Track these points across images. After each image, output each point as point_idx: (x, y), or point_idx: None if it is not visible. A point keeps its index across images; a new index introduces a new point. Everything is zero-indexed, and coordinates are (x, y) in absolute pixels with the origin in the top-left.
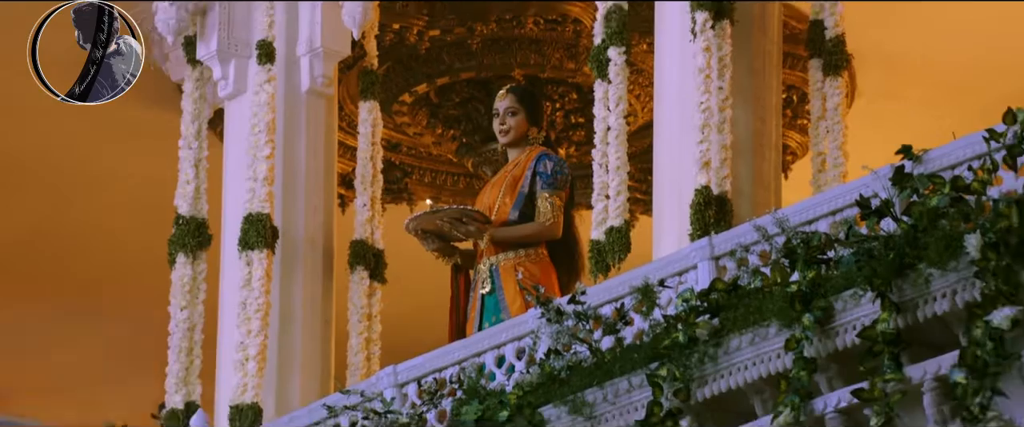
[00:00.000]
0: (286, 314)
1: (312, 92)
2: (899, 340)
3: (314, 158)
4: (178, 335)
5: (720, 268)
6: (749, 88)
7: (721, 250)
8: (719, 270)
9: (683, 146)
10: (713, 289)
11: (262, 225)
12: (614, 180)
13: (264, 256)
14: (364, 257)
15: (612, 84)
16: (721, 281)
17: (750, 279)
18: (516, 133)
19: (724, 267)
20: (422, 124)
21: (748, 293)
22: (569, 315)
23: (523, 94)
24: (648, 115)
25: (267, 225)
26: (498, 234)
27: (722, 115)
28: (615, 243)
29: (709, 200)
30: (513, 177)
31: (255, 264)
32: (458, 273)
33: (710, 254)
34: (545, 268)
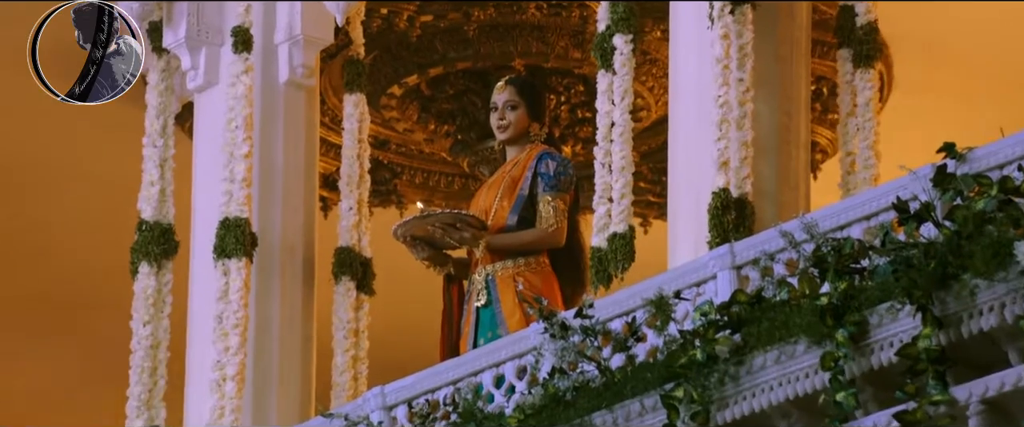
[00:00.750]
0: (263, 330)
1: (291, 84)
2: (944, 358)
3: (293, 156)
4: (140, 353)
5: (742, 278)
6: (774, 79)
7: (743, 258)
8: (741, 280)
9: (700, 144)
10: (734, 301)
11: (240, 231)
12: (618, 181)
13: (242, 265)
14: (350, 266)
15: (617, 75)
16: (743, 293)
17: (775, 291)
18: (516, 129)
19: (746, 277)
20: (413, 119)
21: (773, 306)
22: (575, 330)
23: (524, 86)
24: (662, 109)
25: (246, 231)
26: (495, 241)
27: (743, 109)
28: (618, 251)
29: (729, 203)
30: (512, 178)
31: (233, 274)
32: (451, 284)
33: (731, 263)
34: (547, 279)
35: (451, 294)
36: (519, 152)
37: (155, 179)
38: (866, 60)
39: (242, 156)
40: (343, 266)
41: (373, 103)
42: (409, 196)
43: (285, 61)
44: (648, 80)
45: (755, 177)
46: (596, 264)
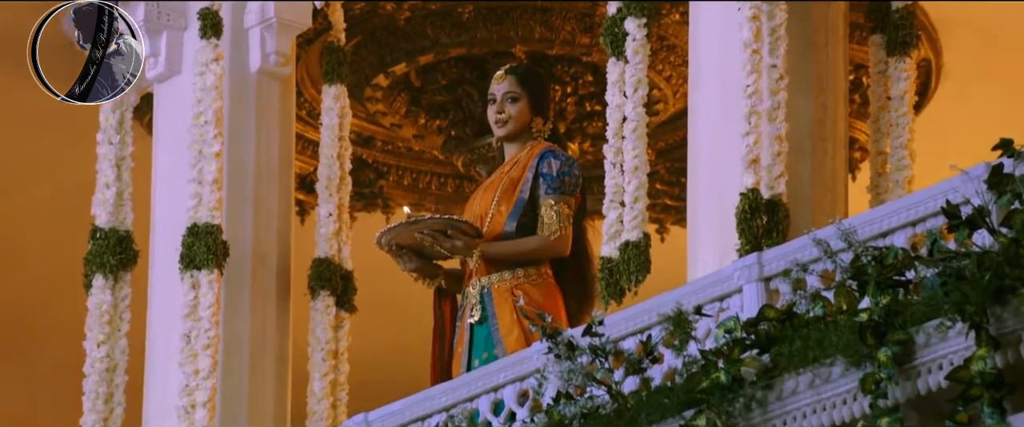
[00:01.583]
0: (232, 350)
1: (264, 73)
2: (1001, 382)
3: (266, 155)
4: (95, 377)
5: (771, 292)
6: (808, 67)
7: (773, 269)
8: (770, 294)
9: (725, 139)
10: (763, 318)
11: (212, 239)
12: (630, 183)
13: (214, 278)
14: (329, 279)
15: (630, 64)
16: (773, 308)
17: (809, 306)
18: (516, 124)
19: (776, 291)
20: (400, 113)
21: (806, 323)
22: (583, 350)
23: (526, 76)
24: (681, 101)
25: (217, 239)
26: (491, 250)
27: (774, 100)
28: (632, 261)
29: (757, 206)
30: (511, 179)
31: (203, 287)
32: (442, 298)
33: (759, 274)
34: (549, 292)
35: (442, 310)
36: (519, 150)
37: (111, 180)
38: (902, 47)
39: (212, 155)
40: (321, 279)
41: (356, 95)
42: (396, 199)
43: (257, 47)
44: (665, 69)
45: (787, 177)
46: (606, 276)
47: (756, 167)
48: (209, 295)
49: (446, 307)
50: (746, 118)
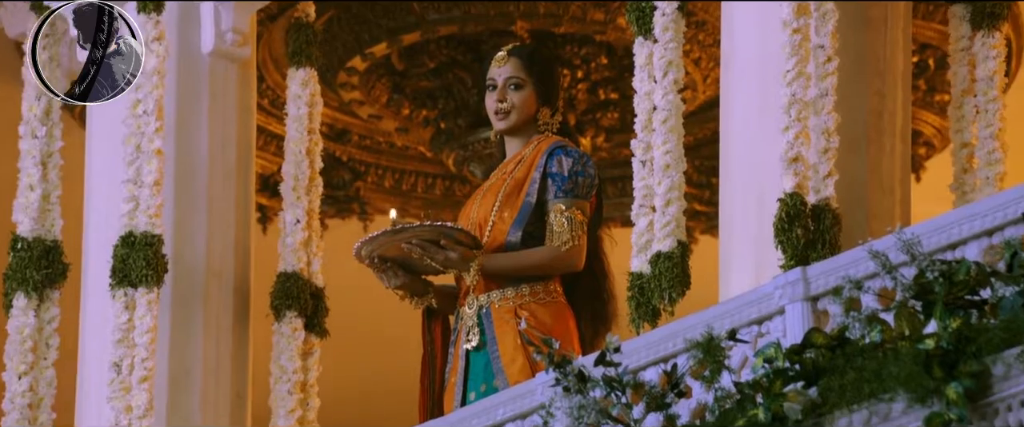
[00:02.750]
0: (178, 384)
1: (218, 54)
2: None
3: (220, 152)
4: (15, 414)
5: (819, 313)
6: (862, 49)
7: (820, 287)
8: (818, 316)
9: (763, 134)
10: (809, 344)
11: (151, 251)
12: (662, 184)
13: (153, 297)
14: (296, 298)
15: (659, 44)
16: (821, 333)
17: (864, 330)
18: (520, 115)
19: (825, 312)
20: (381, 102)
21: (861, 351)
22: (596, 382)
23: (531, 58)
24: (713, 88)
25: (157, 251)
26: (491, 263)
27: (821, 87)
28: (665, 276)
29: (801, 213)
30: (515, 180)
31: (140, 308)
32: (433, 321)
33: (804, 293)
34: (560, 313)
35: (433, 334)
36: (524, 146)
37: (35, 181)
38: (990, 20)
39: (153, 152)
40: (287, 298)
41: (328, 81)
42: (376, 204)
43: (210, 24)
44: (694, 49)
45: (838, 178)
46: (636, 295)
47: (798, 167)
48: (146, 318)
49: (437, 331)
50: (787, 108)
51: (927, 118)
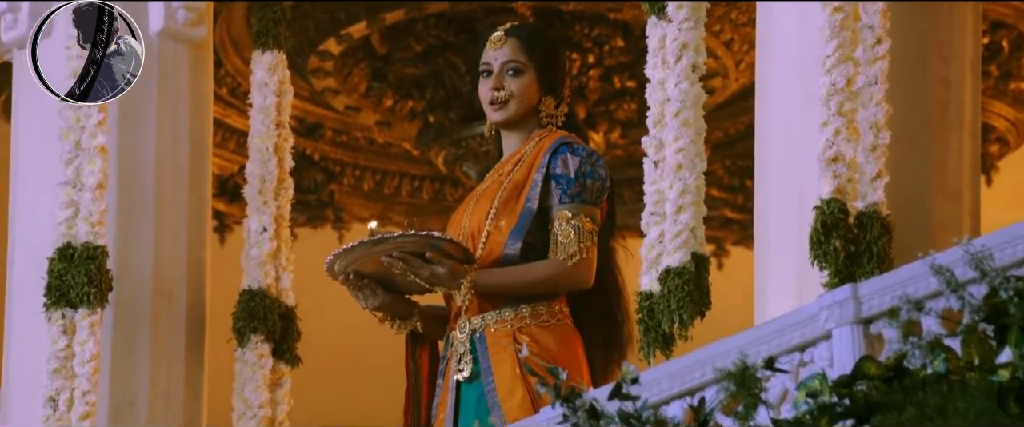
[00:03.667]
0: (122, 417)
1: (169, 35)
2: None
3: (172, 149)
4: None
5: (872, 339)
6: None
7: (873, 308)
8: (870, 342)
9: (805, 128)
10: (861, 375)
11: (94, 266)
12: (673, 187)
13: (96, 319)
14: (262, 319)
15: (673, 24)
16: (874, 362)
17: (926, 359)
18: (519, 106)
19: (879, 337)
20: (360, 91)
21: (922, 383)
22: (610, 418)
23: (532, 39)
24: (746, 77)
25: (101, 265)
26: (487, 280)
27: (871, 73)
28: (674, 296)
29: (840, 221)
30: (513, 183)
31: (81, 333)
32: (418, 347)
33: (855, 315)
34: (566, 338)
35: (418, 363)
36: (524, 142)
37: None
38: None
39: (95, 149)
40: (251, 319)
41: (298, 66)
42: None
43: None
44: (724, 30)
45: (892, 180)
46: (646, 317)
47: (838, 167)
48: (88, 344)
49: (424, 359)
50: (828, 99)
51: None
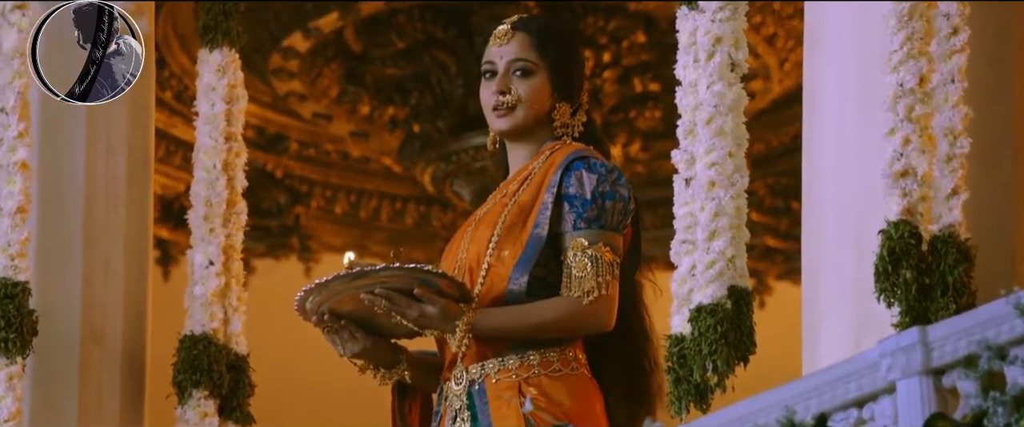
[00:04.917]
0: None
1: None
2: None
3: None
4: None
5: (945, 392)
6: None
7: (947, 356)
8: (943, 396)
9: (862, 139)
10: None
11: (13, 305)
12: (706, 209)
13: (16, 370)
14: (207, 371)
15: (706, 14)
16: (948, 419)
17: (1010, 417)
18: (528, 112)
19: (953, 390)
20: (330, 96)
21: None
22: None
23: (544, 34)
24: (792, 78)
25: (22, 305)
26: (487, 321)
27: (945, 72)
28: (706, 338)
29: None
30: (520, 206)
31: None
32: (407, 400)
33: (923, 364)
34: (582, 390)
35: (407, 419)
36: (533, 157)
37: None
38: None
39: (15, 166)
40: (195, 370)
41: (256, 65)
42: (324, 238)
43: None
44: (766, 23)
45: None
46: (676, 366)
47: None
48: (7, 399)
49: (413, 415)
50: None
51: None
